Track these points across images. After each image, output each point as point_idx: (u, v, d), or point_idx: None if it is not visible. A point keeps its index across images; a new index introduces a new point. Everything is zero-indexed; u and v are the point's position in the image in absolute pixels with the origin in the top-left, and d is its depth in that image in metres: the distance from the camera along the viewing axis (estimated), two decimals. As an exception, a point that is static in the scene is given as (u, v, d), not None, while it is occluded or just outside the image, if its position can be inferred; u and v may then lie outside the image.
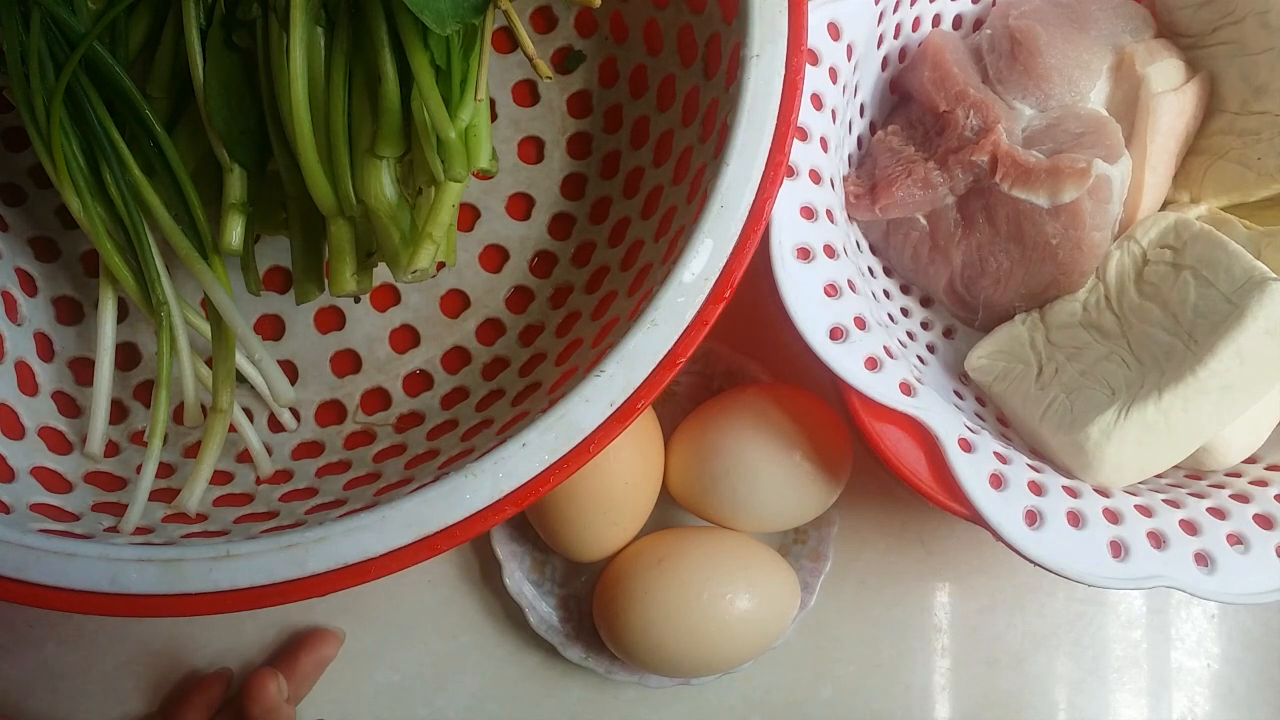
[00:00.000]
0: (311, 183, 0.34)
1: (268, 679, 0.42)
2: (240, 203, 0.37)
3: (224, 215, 0.37)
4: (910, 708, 0.50)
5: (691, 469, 0.45)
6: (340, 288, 0.37)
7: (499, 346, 0.44)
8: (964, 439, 0.38)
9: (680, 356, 0.32)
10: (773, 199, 0.33)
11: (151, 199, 0.36)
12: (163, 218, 0.37)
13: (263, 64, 0.36)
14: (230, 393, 0.37)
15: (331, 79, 0.34)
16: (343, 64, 0.34)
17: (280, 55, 0.34)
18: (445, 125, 0.33)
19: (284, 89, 0.34)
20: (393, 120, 0.34)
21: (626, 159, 0.44)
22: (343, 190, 0.35)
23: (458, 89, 0.34)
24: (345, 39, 0.34)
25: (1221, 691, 0.52)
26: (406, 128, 0.35)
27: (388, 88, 0.34)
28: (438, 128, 0.34)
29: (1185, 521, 0.39)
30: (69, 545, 0.30)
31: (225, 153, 0.37)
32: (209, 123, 0.36)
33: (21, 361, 0.40)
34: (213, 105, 0.36)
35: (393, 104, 0.34)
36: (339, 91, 0.34)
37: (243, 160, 0.37)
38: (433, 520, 0.30)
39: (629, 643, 0.43)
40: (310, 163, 0.34)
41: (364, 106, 0.35)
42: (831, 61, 0.40)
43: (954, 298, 0.46)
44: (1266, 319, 0.38)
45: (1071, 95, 0.44)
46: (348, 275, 0.37)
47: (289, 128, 0.35)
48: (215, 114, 0.36)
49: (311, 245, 0.38)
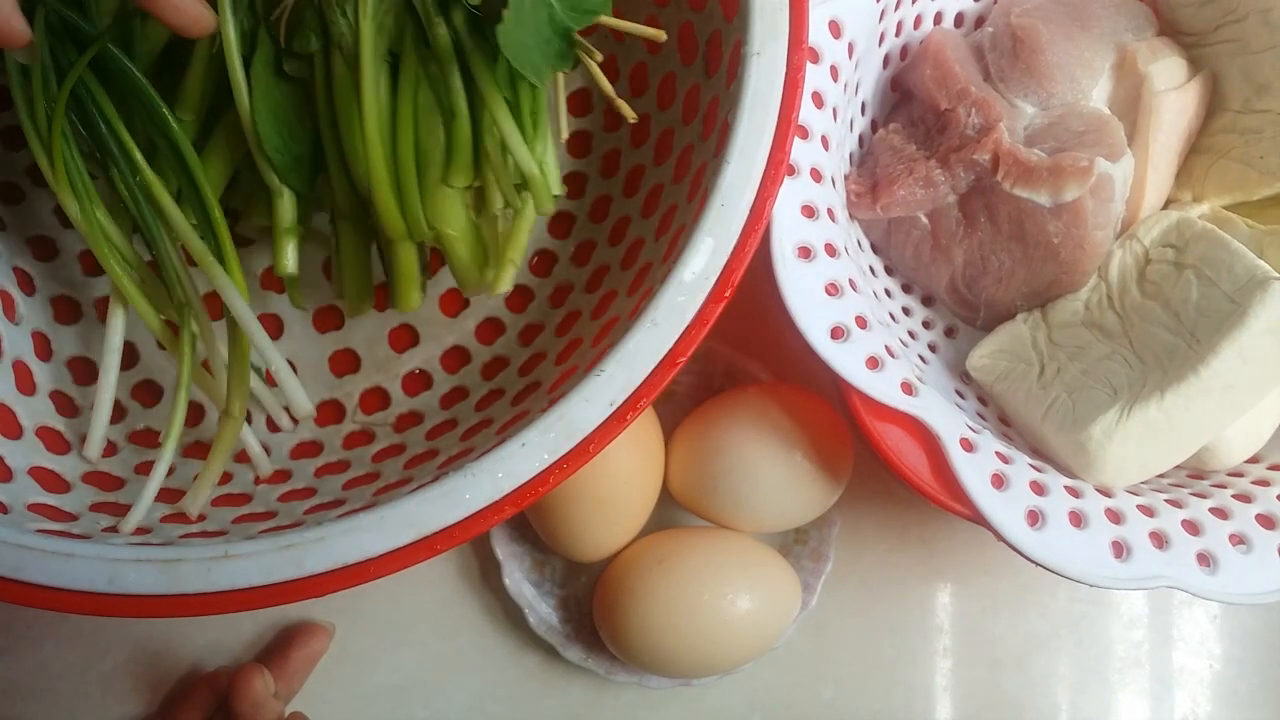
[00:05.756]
0: (383, 211, 0.36)
1: (253, 674, 0.42)
2: (293, 226, 0.38)
3: (277, 239, 0.38)
4: (912, 708, 0.50)
5: (692, 469, 0.45)
6: (407, 306, 0.38)
7: (498, 346, 0.44)
8: (965, 439, 0.38)
9: (680, 356, 0.31)
10: (773, 197, 0.33)
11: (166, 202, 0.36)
12: (178, 222, 0.36)
13: (322, 96, 0.36)
14: (243, 400, 0.37)
15: (399, 113, 0.35)
16: (410, 99, 0.35)
17: (346, 90, 0.35)
18: (528, 161, 0.36)
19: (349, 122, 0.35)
20: (465, 154, 0.36)
21: (627, 157, 0.44)
22: (412, 218, 0.36)
23: (530, 124, 0.36)
24: (412, 76, 0.35)
25: (1224, 692, 0.52)
26: (475, 159, 0.37)
27: (461, 124, 0.35)
28: (521, 164, 0.36)
29: (1187, 521, 0.39)
30: (67, 545, 0.30)
31: (275, 177, 0.37)
32: (258, 148, 0.37)
33: (19, 361, 0.39)
34: (264, 132, 0.36)
35: (465, 139, 0.36)
36: (407, 125, 0.35)
37: (295, 185, 0.38)
38: (432, 520, 0.30)
39: (629, 643, 0.43)
40: (384, 193, 0.35)
41: (431, 139, 0.36)
42: (833, 59, 0.40)
43: (955, 297, 0.46)
44: (1269, 318, 0.38)
45: (1073, 93, 0.44)
46: (415, 295, 0.38)
47: (358, 159, 0.36)
48: (267, 141, 0.36)
49: (361, 264, 0.39)
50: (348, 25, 0.34)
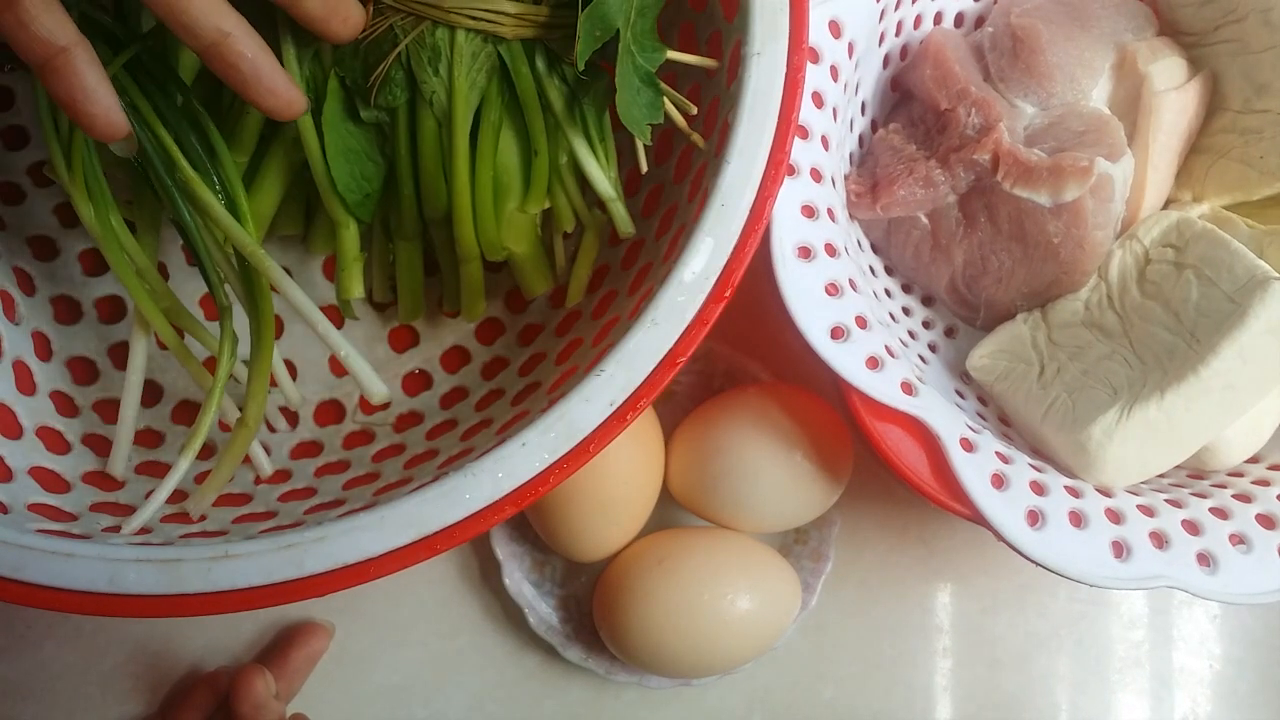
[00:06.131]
0: (461, 236, 0.39)
1: (254, 675, 0.42)
2: (358, 256, 0.41)
3: (344, 267, 0.41)
4: (912, 708, 0.50)
5: (692, 469, 0.45)
6: (474, 316, 0.42)
7: (498, 346, 0.44)
8: (965, 439, 0.38)
9: (680, 356, 0.31)
10: (774, 197, 0.33)
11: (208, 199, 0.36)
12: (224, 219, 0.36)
13: (404, 141, 0.39)
14: (261, 407, 0.36)
15: (480, 152, 0.38)
16: (491, 140, 0.38)
17: (431, 138, 0.38)
18: (609, 190, 0.39)
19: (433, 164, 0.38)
20: (542, 185, 0.40)
21: (626, 158, 0.44)
22: (487, 241, 0.39)
23: (603, 158, 0.40)
24: (494, 120, 0.38)
25: (1224, 692, 0.52)
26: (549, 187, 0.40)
27: (541, 161, 0.39)
28: (602, 194, 0.39)
29: (1187, 521, 0.39)
30: (67, 545, 0.30)
31: (343, 211, 0.40)
32: (329, 188, 0.39)
33: (19, 361, 0.39)
34: (337, 174, 0.39)
35: (544, 173, 0.39)
36: (487, 162, 0.38)
37: (363, 218, 0.40)
38: (432, 520, 0.30)
39: (629, 643, 0.43)
40: (465, 222, 0.39)
41: (508, 174, 0.39)
42: (833, 59, 0.40)
43: (955, 297, 0.46)
44: (1269, 318, 0.38)
45: (1073, 93, 0.44)
46: (481, 304, 0.42)
47: (437, 194, 0.39)
48: (340, 182, 0.39)
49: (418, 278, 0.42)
50: (440, 83, 0.37)
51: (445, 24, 0.36)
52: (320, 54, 0.38)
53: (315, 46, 0.37)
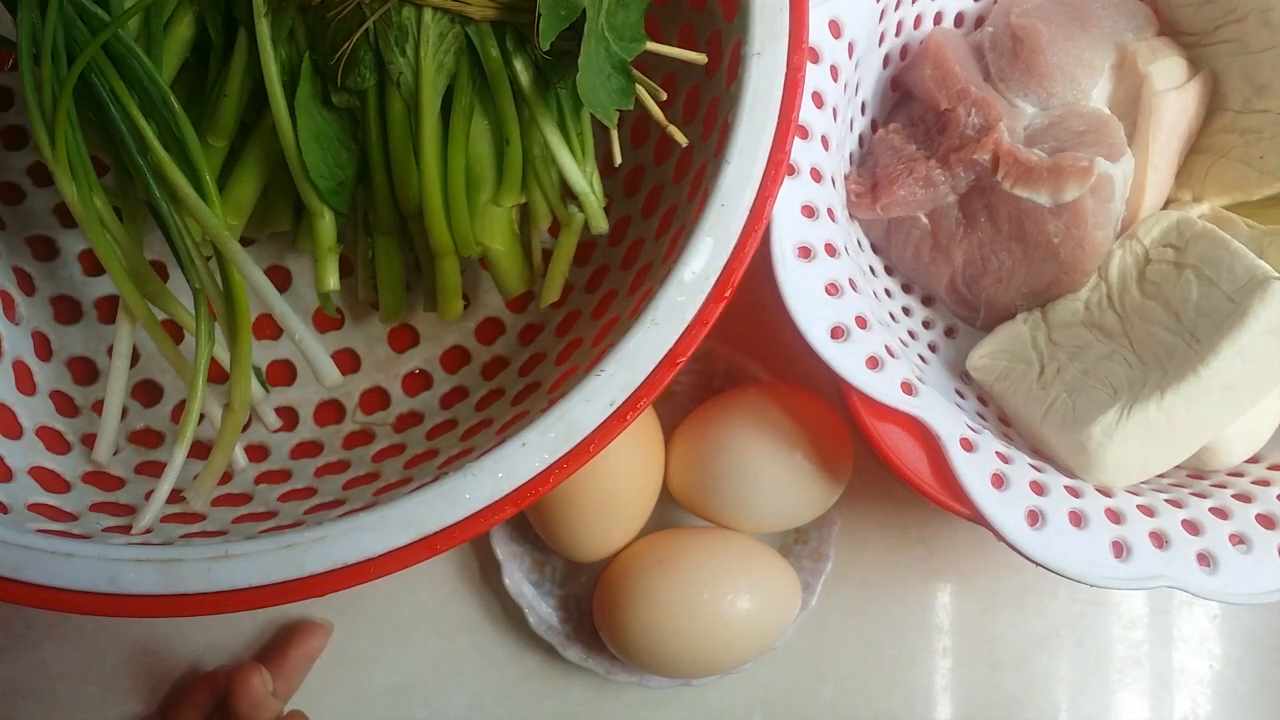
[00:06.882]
0: (434, 230, 0.38)
1: (251, 674, 0.42)
2: (334, 246, 0.39)
3: (320, 258, 0.39)
4: (912, 708, 0.50)
5: (692, 469, 0.45)
6: (450, 315, 0.40)
7: (498, 346, 0.44)
8: (965, 439, 0.38)
9: (680, 356, 0.31)
10: (773, 197, 0.33)
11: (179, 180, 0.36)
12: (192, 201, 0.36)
13: (374, 125, 0.38)
14: (245, 392, 0.36)
15: (452, 140, 0.37)
16: (463, 127, 0.37)
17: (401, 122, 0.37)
18: (582, 183, 0.38)
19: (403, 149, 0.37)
20: (516, 176, 0.38)
21: (627, 157, 0.44)
22: (460, 235, 0.38)
23: (578, 148, 0.39)
24: (465, 106, 0.37)
25: (1224, 692, 0.52)
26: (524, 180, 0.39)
27: (514, 150, 0.38)
28: (574, 186, 0.38)
29: (1187, 521, 0.39)
30: (67, 545, 0.30)
31: (318, 200, 0.39)
32: (302, 175, 0.38)
33: (19, 361, 0.39)
34: (310, 161, 0.38)
35: (517, 163, 0.38)
36: (459, 150, 0.37)
37: (337, 207, 0.39)
38: (432, 520, 0.30)
39: (629, 643, 0.43)
40: (436, 214, 0.37)
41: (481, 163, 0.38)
42: (833, 59, 0.40)
43: (955, 297, 0.46)
44: (1269, 318, 0.38)
45: (1073, 93, 0.44)
46: (457, 304, 0.40)
47: (409, 183, 0.38)
48: (313, 169, 0.38)
49: (399, 276, 0.41)
50: (407, 64, 0.36)
51: (412, 2, 0.35)
52: (295, 34, 0.37)
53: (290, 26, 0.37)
